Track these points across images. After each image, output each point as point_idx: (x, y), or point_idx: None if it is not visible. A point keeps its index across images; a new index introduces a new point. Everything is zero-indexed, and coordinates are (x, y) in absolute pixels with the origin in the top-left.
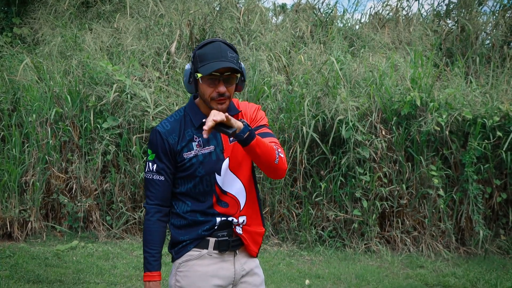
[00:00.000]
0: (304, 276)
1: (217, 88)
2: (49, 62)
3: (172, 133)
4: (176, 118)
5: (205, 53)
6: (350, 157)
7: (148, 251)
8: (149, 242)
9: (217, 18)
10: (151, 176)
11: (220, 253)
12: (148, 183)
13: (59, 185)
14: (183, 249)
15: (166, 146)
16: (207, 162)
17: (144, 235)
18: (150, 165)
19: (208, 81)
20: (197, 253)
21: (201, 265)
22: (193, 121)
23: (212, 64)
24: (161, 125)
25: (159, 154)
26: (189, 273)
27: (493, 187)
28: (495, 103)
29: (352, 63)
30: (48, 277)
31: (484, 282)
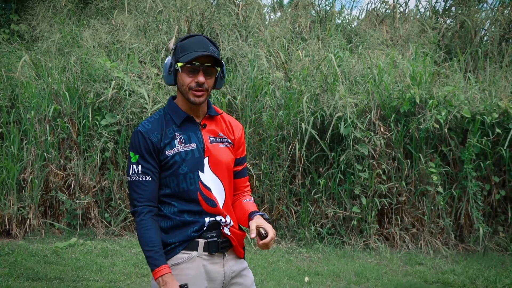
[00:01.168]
0: (303, 273)
1: (197, 77)
2: (47, 58)
3: (154, 132)
4: (156, 117)
5: (186, 44)
6: (349, 154)
7: (149, 249)
8: (149, 240)
9: (214, 14)
10: (137, 178)
11: (210, 255)
12: (134, 185)
13: (57, 182)
14: (172, 251)
15: (149, 144)
16: (190, 159)
17: (142, 235)
18: (134, 167)
19: (188, 70)
20: (187, 256)
21: (192, 268)
22: (174, 119)
23: (193, 53)
24: (142, 125)
25: (143, 154)
26: (180, 276)
27: (491, 184)
28: (494, 100)
29: (351, 59)
30: (47, 275)
31: (483, 279)
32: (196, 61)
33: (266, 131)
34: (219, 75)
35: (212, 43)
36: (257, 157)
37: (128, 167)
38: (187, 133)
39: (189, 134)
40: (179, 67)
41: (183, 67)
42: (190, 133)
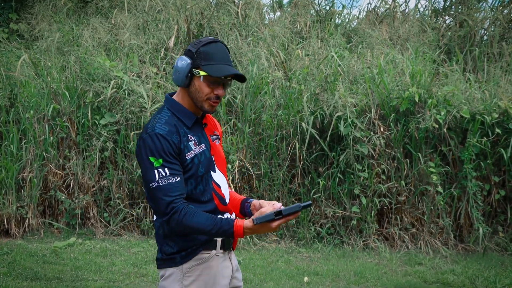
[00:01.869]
0: (302, 273)
1: (217, 90)
2: (47, 58)
3: (173, 134)
4: (167, 119)
5: (211, 52)
6: (349, 153)
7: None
8: (205, 220)
9: (214, 13)
10: (167, 181)
11: (224, 252)
12: (165, 189)
13: (56, 181)
14: (192, 253)
15: (172, 146)
16: (204, 160)
17: (196, 223)
18: (160, 171)
19: (210, 82)
20: (207, 255)
21: (212, 267)
22: (184, 121)
23: (222, 67)
24: (159, 128)
25: (167, 157)
26: (202, 276)
27: (491, 184)
28: (493, 99)
29: (350, 59)
30: (46, 274)
31: (483, 279)
32: (225, 76)
33: (265, 131)
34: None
35: (229, 52)
36: (257, 157)
37: (150, 174)
38: (197, 134)
39: (198, 135)
40: (202, 76)
41: (205, 77)
42: (199, 134)
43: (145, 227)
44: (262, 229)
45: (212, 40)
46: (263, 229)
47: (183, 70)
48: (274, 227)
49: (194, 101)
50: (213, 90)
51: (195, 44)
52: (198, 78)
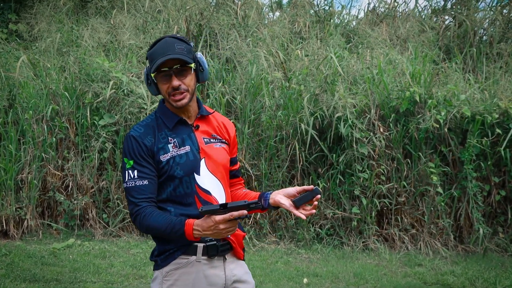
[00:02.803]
0: (302, 275)
1: (171, 82)
2: (46, 58)
3: (147, 136)
4: (148, 122)
5: (153, 52)
6: (348, 154)
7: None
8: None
9: (213, 13)
10: (133, 183)
11: (209, 259)
12: (132, 191)
13: (55, 182)
14: (170, 257)
15: (143, 149)
16: (185, 163)
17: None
18: (130, 173)
19: (162, 78)
20: (185, 261)
21: (190, 273)
22: (166, 123)
23: (157, 61)
24: (134, 130)
25: (138, 159)
26: (178, 281)
27: (491, 185)
28: (494, 100)
29: (350, 59)
30: (45, 276)
31: (483, 280)
32: (164, 67)
33: (265, 132)
34: (198, 69)
35: (179, 40)
36: (256, 158)
37: (123, 174)
38: (180, 136)
39: (182, 137)
40: (153, 77)
41: (156, 76)
42: (184, 136)
43: None
44: (208, 225)
45: (157, 40)
46: (209, 224)
47: (145, 80)
48: (217, 220)
49: (168, 102)
50: (168, 85)
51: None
52: (154, 80)
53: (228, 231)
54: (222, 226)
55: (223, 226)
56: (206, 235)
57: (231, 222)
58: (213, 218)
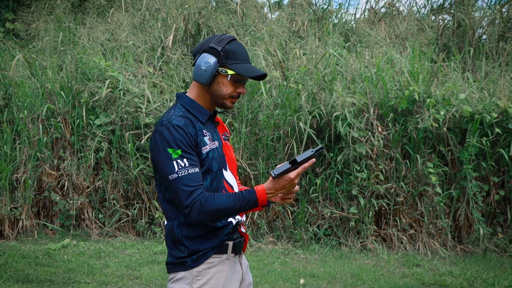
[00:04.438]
0: (299, 275)
1: (240, 88)
2: (42, 57)
3: (189, 126)
4: (183, 113)
5: (236, 51)
6: (346, 154)
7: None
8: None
9: (212, 12)
10: (185, 172)
11: (235, 256)
12: (185, 179)
13: (50, 182)
14: (203, 256)
15: (189, 137)
16: (217, 157)
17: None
18: (179, 162)
19: (235, 80)
20: (218, 259)
21: (223, 271)
22: (198, 117)
23: (249, 66)
24: (175, 119)
25: (186, 147)
26: (212, 280)
27: (490, 185)
28: (493, 99)
29: (348, 58)
30: (38, 277)
31: (482, 281)
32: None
33: (262, 131)
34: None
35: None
36: (253, 157)
37: (168, 166)
38: (210, 131)
39: (212, 131)
40: (230, 75)
41: (233, 75)
42: (212, 131)
43: (140, 228)
44: (282, 185)
45: (233, 38)
46: (283, 184)
47: (210, 69)
48: (293, 177)
49: (213, 98)
50: (236, 88)
51: (217, 41)
52: (224, 76)
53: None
54: (296, 181)
55: (296, 181)
56: (279, 193)
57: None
58: (288, 176)
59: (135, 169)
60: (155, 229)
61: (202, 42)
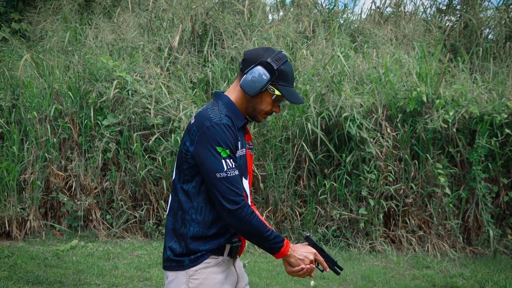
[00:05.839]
0: (309, 277)
1: (276, 108)
2: (49, 57)
3: (233, 128)
4: (226, 113)
5: (288, 72)
6: (356, 155)
7: (268, 230)
8: (264, 225)
9: (219, 12)
10: (233, 173)
11: (230, 259)
12: (233, 180)
13: (58, 183)
14: (201, 257)
15: (235, 140)
16: (242, 164)
17: (258, 223)
18: (228, 162)
19: (276, 100)
20: (215, 260)
21: (217, 273)
22: (234, 121)
23: (294, 93)
24: (223, 118)
25: (233, 148)
26: (207, 280)
27: (500, 186)
28: (502, 100)
29: (356, 59)
30: (48, 278)
31: (493, 283)
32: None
33: (270, 132)
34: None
35: None
36: (262, 158)
37: (217, 163)
38: (241, 137)
39: (241, 139)
40: (275, 95)
41: (278, 96)
42: (242, 138)
43: (148, 230)
44: (305, 250)
45: (287, 57)
46: (306, 250)
47: (261, 83)
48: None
49: (250, 109)
50: (273, 107)
51: (276, 59)
52: (269, 94)
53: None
54: (311, 259)
55: (311, 260)
56: (295, 258)
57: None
58: (312, 249)
59: (142, 170)
60: (163, 230)
61: (257, 52)
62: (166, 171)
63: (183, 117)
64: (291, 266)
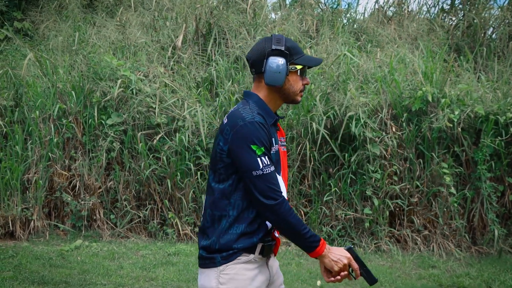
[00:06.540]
0: (315, 277)
1: (305, 80)
2: (53, 56)
3: (266, 125)
4: (258, 112)
5: (294, 46)
6: (361, 154)
7: (305, 228)
8: (301, 222)
9: (223, 11)
10: (269, 169)
11: (262, 258)
12: (270, 177)
13: (62, 183)
14: (233, 255)
15: (268, 137)
16: (276, 161)
17: (295, 220)
18: (264, 160)
19: (301, 73)
20: (245, 258)
21: (248, 269)
22: (266, 119)
23: (309, 57)
24: (256, 116)
25: (267, 146)
26: (237, 275)
27: (505, 185)
28: (508, 99)
29: (360, 58)
30: (53, 278)
31: (500, 283)
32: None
33: None
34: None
35: None
36: None
37: (253, 161)
38: (273, 134)
39: (274, 135)
40: (299, 69)
41: (301, 69)
42: (275, 135)
43: (152, 229)
44: (340, 254)
45: (283, 35)
46: (341, 253)
47: (284, 70)
48: (349, 258)
49: (285, 96)
50: (303, 81)
51: (277, 42)
52: (293, 73)
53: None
54: (345, 263)
55: (344, 264)
56: (329, 259)
57: (347, 273)
58: (347, 254)
59: (147, 170)
60: (167, 230)
61: (258, 48)
62: (171, 170)
63: (187, 116)
64: (326, 269)
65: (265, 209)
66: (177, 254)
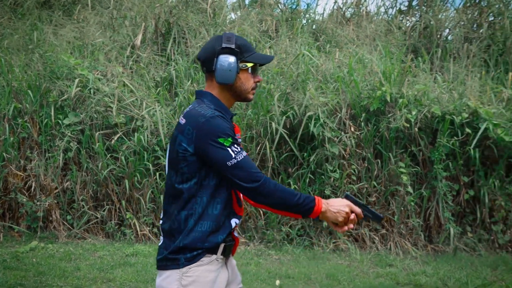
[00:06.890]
0: (274, 276)
1: (257, 77)
2: (8, 55)
3: (227, 118)
4: (215, 108)
5: (245, 44)
6: (319, 154)
7: (297, 194)
8: (291, 190)
9: (183, 11)
10: (242, 155)
11: (223, 258)
12: (245, 162)
13: (17, 183)
14: (197, 256)
15: (232, 128)
16: None
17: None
18: (234, 148)
19: (253, 71)
20: (208, 259)
21: (210, 271)
22: (224, 116)
23: (260, 55)
24: (215, 111)
25: (234, 135)
26: (200, 278)
27: (460, 184)
28: (463, 99)
29: (319, 58)
30: (8, 281)
31: (455, 280)
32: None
33: None
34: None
35: None
36: None
37: (224, 154)
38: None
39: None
40: (249, 67)
41: (252, 67)
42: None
43: (110, 230)
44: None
45: (233, 33)
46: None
47: (234, 67)
48: (351, 207)
49: (237, 94)
50: (254, 78)
51: (227, 40)
52: (244, 71)
53: (345, 221)
54: (346, 211)
55: (346, 212)
56: (331, 213)
57: (353, 219)
58: (346, 201)
59: (104, 170)
60: (125, 231)
61: (209, 46)
62: (129, 170)
63: (146, 116)
64: (334, 223)
65: (253, 194)
66: (135, 255)
